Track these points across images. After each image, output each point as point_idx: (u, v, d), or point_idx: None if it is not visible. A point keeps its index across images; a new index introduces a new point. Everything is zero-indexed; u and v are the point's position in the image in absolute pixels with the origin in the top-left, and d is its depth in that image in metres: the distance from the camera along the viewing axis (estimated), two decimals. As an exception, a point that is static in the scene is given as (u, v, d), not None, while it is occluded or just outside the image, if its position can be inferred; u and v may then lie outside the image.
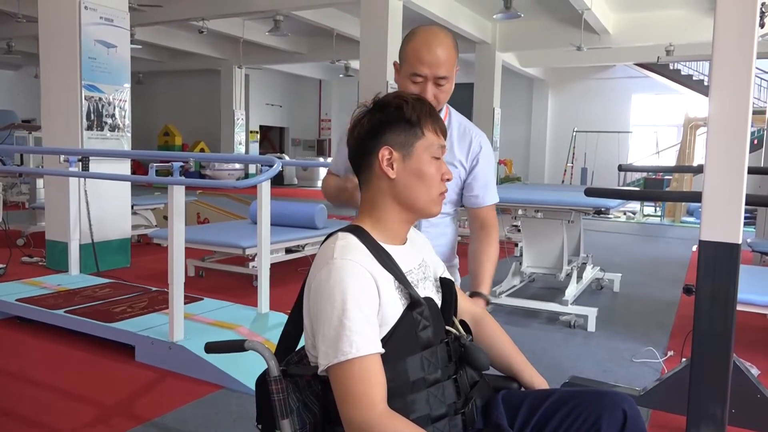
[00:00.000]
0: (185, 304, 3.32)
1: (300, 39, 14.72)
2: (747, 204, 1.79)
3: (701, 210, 1.83)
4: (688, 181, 10.97)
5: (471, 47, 12.15)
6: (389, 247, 1.28)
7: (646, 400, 2.44)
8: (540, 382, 1.46)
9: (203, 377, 3.03)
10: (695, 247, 3.07)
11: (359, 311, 1.15)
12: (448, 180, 1.35)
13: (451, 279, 1.43)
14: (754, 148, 7.99)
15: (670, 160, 14.13)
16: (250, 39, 13.61)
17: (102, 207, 5.51)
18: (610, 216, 10.61)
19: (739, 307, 2.36)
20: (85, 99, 5.44)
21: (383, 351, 1.17)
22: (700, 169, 1.99)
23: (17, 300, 3.91)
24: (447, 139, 1.57)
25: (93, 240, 5.30)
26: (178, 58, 16.89)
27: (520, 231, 5.55)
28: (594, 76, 17.00)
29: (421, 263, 1.37)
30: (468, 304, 1.54)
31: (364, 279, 1.18)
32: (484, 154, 1.86)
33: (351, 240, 1.24)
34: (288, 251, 5.55)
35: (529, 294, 4.94)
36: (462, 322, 1.42)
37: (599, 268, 5.42)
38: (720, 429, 1.86)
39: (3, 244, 6.07)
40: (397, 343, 1.20)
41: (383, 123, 1.29)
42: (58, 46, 5.50)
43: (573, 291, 4.52)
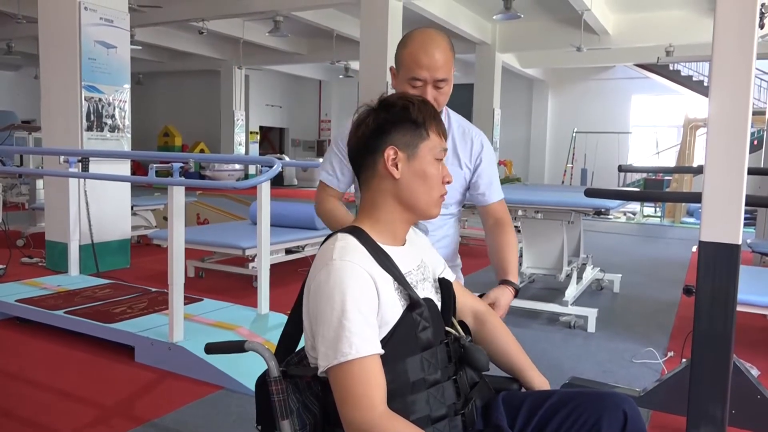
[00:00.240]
0: (185, 304, 3.32)
1: (300, 40, 14.73)
2: (747, 205, 1.79)
3: (701, 211, 1.83)
4: (688, 182, 10.97)
5: (471, 48, 12.14)
6: (388, 248, 1.28)
7: (646, 400, 2.44)
8: (541, 382, 1.45)
9: (203, 378, 3.03)
10: (695, 248, 3.07)
11: (359, 312, 1.15)
12: (448, 182, 1.35)
13: (449, 280, 1.42)
14: (754, 148, 7.99)
15: (670, 160, 14.14)
16: (250, 40, 13.61)
17: (102, 208, 5.51)
18: (610, 217, 10.60)
19: (739, 308, 2.36)
20: (85, 100, 5.44)
21: (383, 352, 1.17)
22: (700, 170, 1.99)
23: (17, 301, 3.91)
24: (449, 141, 1.58)
25: (93, 241, 5.30)
26: (177, 58, 16.90)
27: (520, 232, 5.56)
28: (594, 76, 17.01)
29: (420, 264, 1.37)
30: (471, 300, 1.52)
31: (363, 280, 1.18)
32: (485, 152, 1.87)
33: (350, 241, 1.24)
34: (288, 252, 5.56)
35: (529, 295, 4.93)
36: (461, 322, 1.42)
37: (599, 268, 5.42)
38: (720, 430, 1.86)
39: (3, 244, 6.07)
40: (397, 344, 1.20)
41: (389, 123, 1.29)
42: (58, 46, 5.50)
43: (573, 292, 4.52)
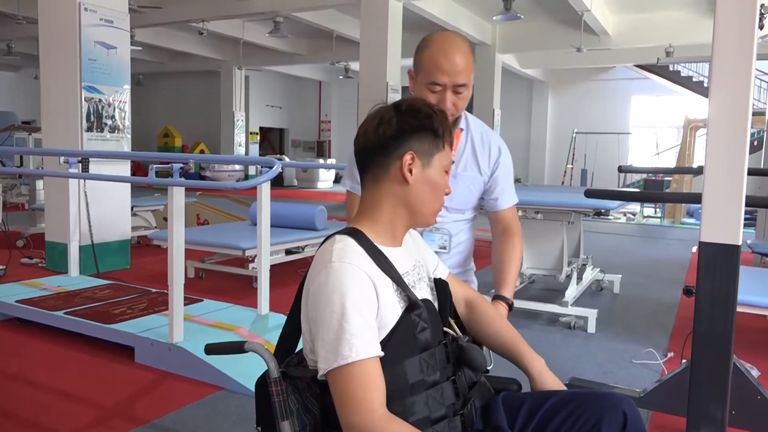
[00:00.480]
0: (185, 305, 3.32)
1: (300, 40, 14.74)
2: (747, 205, 1.79)
3: (701, 211, 1.83)
4: (688, 183, 10.97)
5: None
6: (386, 249, 1.28)
7: (646, 401, 2.44)
8: (534, 358, 1.43)
9: (203, 379, 3.03)
10: (695, 249, 3.07)
11: (358, 315, 1.15)
12: (447, 194, 1.37)
13: (445, 280, 1.43)
14: (753, 149, 8.00)
15: (670, 161, 14.14)
16: (250, 40, 13.62)
17: (102, 208, 5.51)
18: (610, 217, 10.61)
19: (739, 309, 2.36)
20: (85, 100, 5.44)
21: (383, 354, 1.17)
22: (700, 171, 1.99)
23: (17, 301, 3.91)
24: (468, 145, 1.65)
25: (93, 241, 5.30)
26: (178, 59, 16.91)
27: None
28: (594, 77, 17.02)
29: (416, 264, 1.37)
30: (462, 289, 1.52)
31: (362, 283, 1.18)
32: (503, 157, 1.85)
33: (349, 243, 1.24)
34: (288, 252, 5.56)
35: (529, 295, 4.93)
36: (458, 323, 1.42)
37: (599, 269, 5.42)
38: (720, 430, 1.86)
39: (3, 245, 6.06)
40: (396, 346, 1.20)
41: (413, 128, 1.29)
42: (58, 47, 5.50)
43: (573, 292, 4.52)
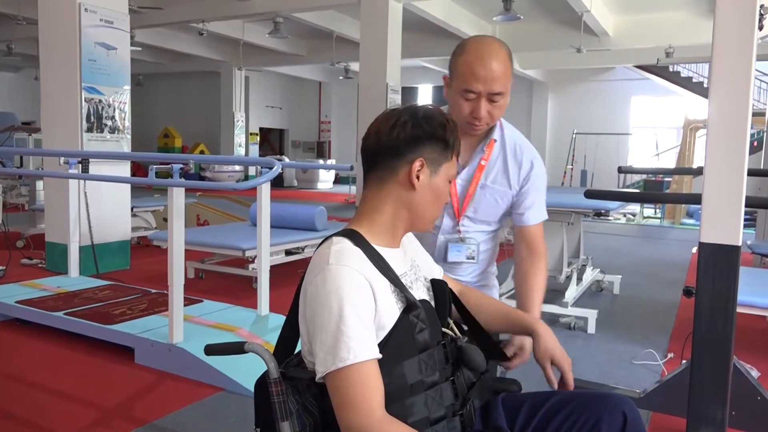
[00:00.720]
0: (185, 306, 3.32)
1: (300, 41, 14.74)
2: (747, 206, 1.78)
3: (701, 212, 1.83)
4: (687, 183, 10.97)
5: (471, 49, 12.15)
6: (383, 250, 1.28)
7: (646, 402, 2.44)
8: (536, 320, 1.49)
9: (203, 379, 3.03)
10: (695, 249, 3.07)
11: (356, 317, 1.14)
12: (446, 203, 1.41)
13: (443, 280, 1.43)
14: (753, 150, 8.00)
15: (669, 162, 14.14)
16: (250, 41, 13.62)
17: (102, 209, 5.51)
18: (609, 218, 10.62)
19: (739, 309, 2.36)
20: (85, 101, 5.44)
21: (381, 356, 1.17)
22: (699, 171, 1.99)
23: (17, 302, 3.91)
24: (500, 157, 1.73)
25: (93, 242, 5.30)
26: (178, 60, 16.92)
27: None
28: (594, 78, 17.01)
29: (412, 264, 1.38)
30: (452, 284, 1.52)
31: (360, 284, 1.18)
32: (534, 172, 1.82)
33: (346, 245, 1.24)
34: (288, 253, 5.56)
35: (529, 296, 4.92)
36: (457, 323, 1.42)
37: (599, 270, 5.42)
38: (720, 431, 1.85)
39: (2, 246, 6.07)
40: (395, 347, 1.20)
41: (427, 135, 1.30)
42: (58, 48, 5.50)
43: (573, 293, 4.52)
